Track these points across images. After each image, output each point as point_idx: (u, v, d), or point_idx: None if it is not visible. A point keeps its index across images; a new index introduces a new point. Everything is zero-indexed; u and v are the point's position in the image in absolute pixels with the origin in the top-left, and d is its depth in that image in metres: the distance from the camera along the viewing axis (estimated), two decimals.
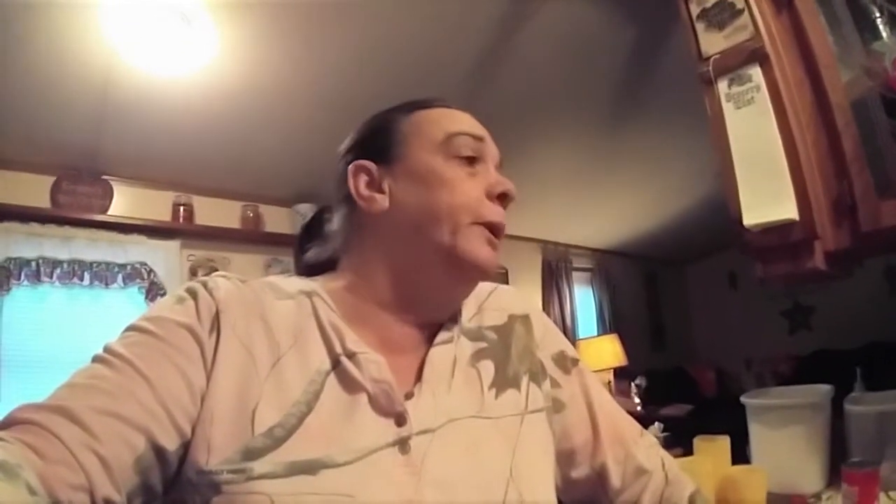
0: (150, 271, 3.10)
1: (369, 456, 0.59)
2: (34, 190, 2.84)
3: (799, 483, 1.32)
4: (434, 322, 0.73)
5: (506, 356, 0.76)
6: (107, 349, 0.59)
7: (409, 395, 0.65)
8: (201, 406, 0.58)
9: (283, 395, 0.60)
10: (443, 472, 0.61)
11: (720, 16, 1.23)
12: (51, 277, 2.74)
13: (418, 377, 0.68)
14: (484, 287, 0.85)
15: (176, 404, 0.56)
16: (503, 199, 0.73)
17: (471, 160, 0.73)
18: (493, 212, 0.71)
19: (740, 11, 1.20)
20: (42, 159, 2.85)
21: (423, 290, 0.71)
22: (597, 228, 5.62)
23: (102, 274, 2.93)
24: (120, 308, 3.04)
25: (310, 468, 0.56)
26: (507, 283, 4.94)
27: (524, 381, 0.75)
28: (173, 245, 3.25)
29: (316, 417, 0.60)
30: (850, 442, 1.33)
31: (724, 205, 1.25)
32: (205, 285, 0.67)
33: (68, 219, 2.86)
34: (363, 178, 0.73)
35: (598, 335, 5.38)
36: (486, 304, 0.82)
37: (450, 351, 0.72)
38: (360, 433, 0.60)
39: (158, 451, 0.54)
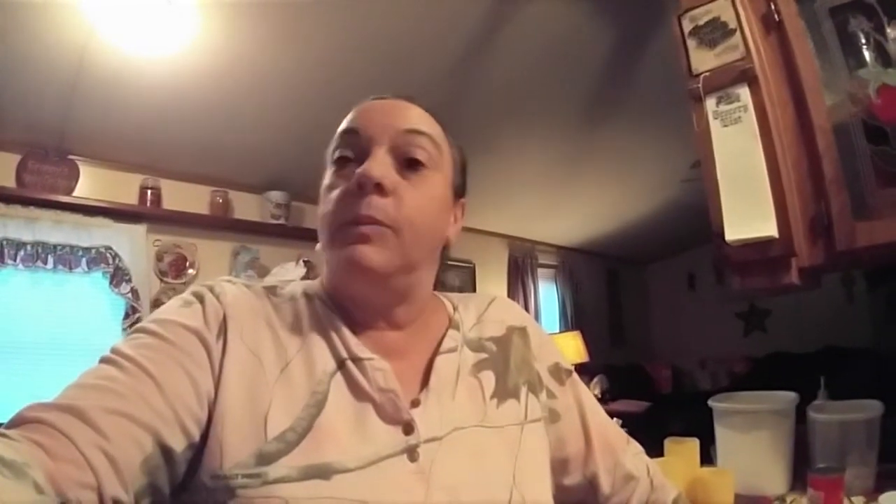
0: (116, 256, 3.02)
1: (379, 462, 0.61)
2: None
3: (764, 485, 1.37)
4: (397, 327, 0.73)
5: (505, 367, 0.77)
6: (115, 350, 0.59)
7: (415, 403, 0.66)
8: (210, 411, 0.59)
9: (293, 399, 0.61)
10: (451, 478, 0.63)
11: (712, 34, 1.26)
12: (14, 260, 2.66)
13: (423, 384, 0.69)
14: (482, 298, 0.87)
15: (183, 406, 0.57)
16: (378, 189, 0.65)
17: (344, 160, 0.70)
18: (349, 209, 0.65)
19: (732, 31, 1.23)
20: (9, 136, 2.76)
21: (349, 295, 0.71)
22: (563, 226, 5.70)
23: (66, 257, 2.86)
24: (83, 293, 2.97)
25: (323, 472, 0.57)
26: (473, 276, 4.98)
27: (523, 391, 0.77)
28: (139, 229, 3.18)
29: (326, 419, 0.61)
30: (814, 448, 1.39)
31: (686, 209, 1.29)
32: (211, 290, 0.67)
33: (33, 199, 2.77)
34: None
35: (561, 331, 5.47)
36: (486, 316, 0.83)
37: (454, 360, 0.73)
38: (368, 440, 0.62)
39: (166, 452, 0.55)
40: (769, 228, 1.19)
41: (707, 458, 1.44)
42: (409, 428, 0.64)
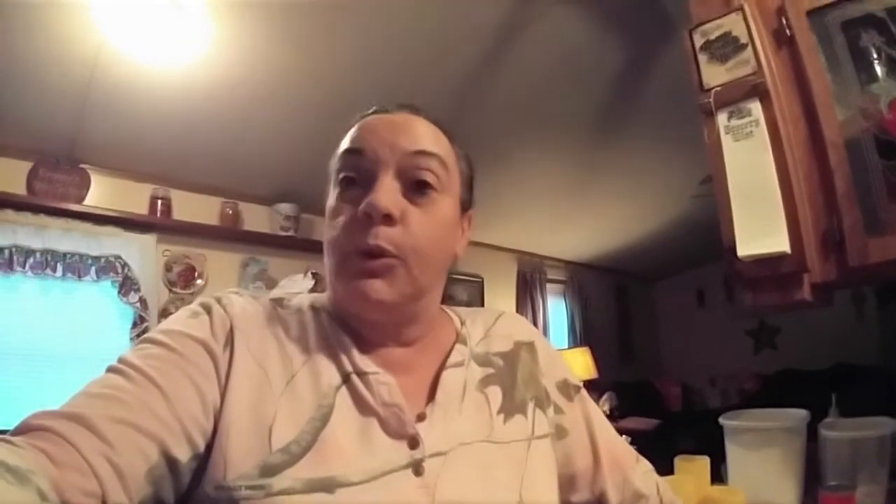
0: (125, 265, 3.04)
1: (384, 477, 0.60)
2: (10, 176, 2.77)
3: (774, 503, 1.36)
4: (405, 345, 0.72)
5: (513, 382, 0.77)
6: (122, 360, 0.59)
7: (420, 417, 0.66)
8: (216, 421, 0.59)
9: (298, 411, 0.61)
10: (456, 493, 0.62)
11: (723, 49, 1.26)
12: (23, 267, 2.68)
13: (429, 398, 0.69)
14: (490, 312, 0.86)
15: (189, 417, 0.57)
16: (386, 219, 0.64)
17: (348, 182, 0.68)
18: (356, 238, 0.64)
19: (744, 46, 1.23)
20: (20, 144, 2.79)
21: (353, 318, 0.70)
22: (572, 241, 5.68)
23: (76, 266, 2.88)
24: (92, 302, 2.98)
25: (327, 486, 0.57)
26: (482, 291, 4.97)
27: (530, 407, 0.76)
28: (149, 239, 3.20)
29: (331, 433, 0.60)
30: (825, 466, 1.37)
31: (696, 225, 1.27)
32: (219, 301, 0.68)
33: (43, 207, 2.79)
34: None
35: (570, 347, 5.44)
36: (493, 331, 0.82)
37: (461, 374, 0.73)
38: (373, 454, 0.61)
39: (171, 463, 0.55)
40: (781, 244, 1.18)
41: (717, 476, 1.43)
42: (414, 442, 0.63)
